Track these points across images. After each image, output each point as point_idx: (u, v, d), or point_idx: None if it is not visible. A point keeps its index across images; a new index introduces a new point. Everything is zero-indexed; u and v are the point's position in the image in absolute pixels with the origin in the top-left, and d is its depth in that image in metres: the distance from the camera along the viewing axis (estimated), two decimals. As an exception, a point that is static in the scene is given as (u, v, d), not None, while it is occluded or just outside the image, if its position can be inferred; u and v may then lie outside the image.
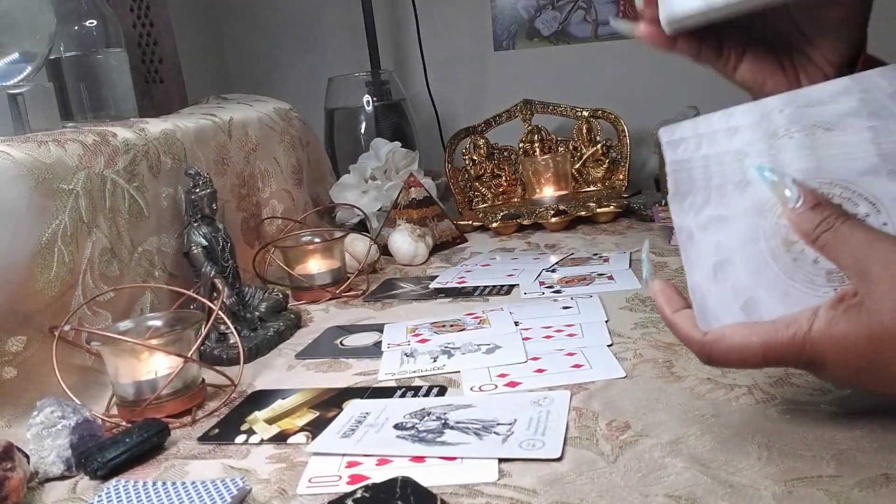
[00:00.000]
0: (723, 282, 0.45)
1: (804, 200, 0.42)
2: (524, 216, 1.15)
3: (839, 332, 0.41)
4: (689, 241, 0.46)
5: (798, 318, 0.42)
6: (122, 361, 0.63)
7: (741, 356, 0.44)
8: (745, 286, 0.44)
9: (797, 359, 0.43)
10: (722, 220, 0.45)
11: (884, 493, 0.41)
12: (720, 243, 0.45)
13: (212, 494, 0.48)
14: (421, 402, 0.59)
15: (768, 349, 0.43)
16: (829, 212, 0.42)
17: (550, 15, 1.44)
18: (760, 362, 0.44)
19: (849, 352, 0.41)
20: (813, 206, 0.42)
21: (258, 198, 1.02)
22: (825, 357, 0.42)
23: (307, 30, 1.60)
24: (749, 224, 0.44)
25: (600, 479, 0.46)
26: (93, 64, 0.89)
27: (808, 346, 0.42)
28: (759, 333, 0.43)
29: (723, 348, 0.44)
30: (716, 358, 0.45)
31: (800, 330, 0.42)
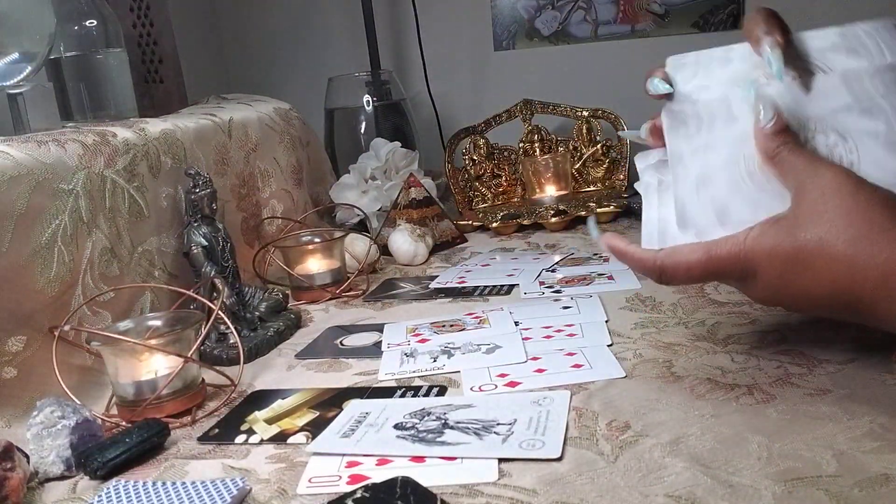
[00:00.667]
0: (703, 193, 0.52)
1: (775, 122, 0.48)
2: (524, 216, 1.15)
3: (769, 242, 0.46)
4: (679, 162, 0.54)
5: (737, 234, 0.48)
6: (122, 361, 0.63)
7: (687, 267, 0.50)
8: (721, 196, 0.51)
9: (733, 269, 0.48)
10: (710, 146, 0.52)
11: (884, 492, 0.41)
12: (706, 163, 0.52)
13: (212, 494, 0.48)
14: (421, 402, 0.59)
15: (710, 260, 0.49)
16: (790, 137, 0.48)
17: (550, 15, 1.44)
18: (703, 273, 0.50)
19: (776, 258, 0.46)
20: (780, 128, 0.48)
21: (258, 198, 1.02)
22: (756, 265, 0.47)
23: (307, 30, 1.60)
24: (732, 149, 0.51)
25: (600, 479, 0.46)
26: (93, 64, 0.89)
27: (742, 255, 0.47)
28: (703, 247, 0.49)
29: (672, 262, 0.50)
30: (667, 271, 0.51)
31: (736, 243, 0.48)
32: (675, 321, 0.71)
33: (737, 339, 0.65)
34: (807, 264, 0.45)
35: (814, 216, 0.45)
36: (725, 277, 0.50)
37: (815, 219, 0.45)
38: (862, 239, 0.43)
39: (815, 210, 0.45)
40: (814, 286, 0.45)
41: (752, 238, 0.47)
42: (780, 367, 0.58)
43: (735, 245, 0.48)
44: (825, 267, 0.44)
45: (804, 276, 0.45)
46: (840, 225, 0.44)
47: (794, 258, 0.45)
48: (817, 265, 0.45)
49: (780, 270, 0.46)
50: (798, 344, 0.62)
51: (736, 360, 0.61)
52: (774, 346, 0.62)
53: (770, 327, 0.66)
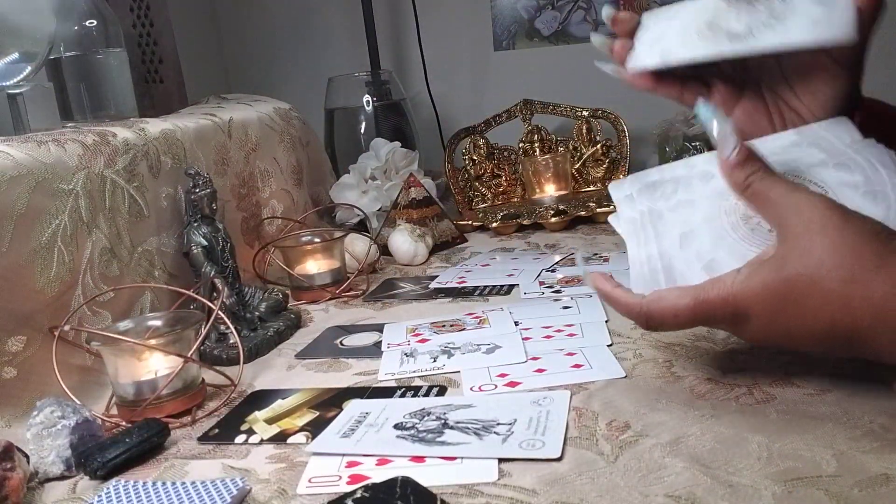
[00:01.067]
0: (687, 248, 0.51)
1: (739, 151, 0.47)
2: (524, 216, 1.15)
3: (758, 282, 0.45)
4: (659, 219, 0.53)
5: (723, 278, 0.47)
6: (122, 361, 0.63)
7: (674, 313, 0.48)
8: (707, 250, 0.50)
9: (723, 313, 0.47)
10: (689, 202, 0.52)
11: (884, 492, 0.41)
12: (687, 220, 0.52)
13: (212, 494, 0.48)
14: (421, 402, 0.59)
15: (697, 305, 0.47)
16: (758, 165, 0.47)
17: (550, 15, 1.44)
18: (691, 319, 0.48)
19: (767, 298, 0.45)
20: (745, 157, 0.47)
21: (258, 198, 1.02)
22: (747, 307, 0.46)
23: (307, 30, 1.60)
24: (712, 204, 0.51)
25: (600, 479, 0.46)
26: (93, 64, 0.89)
27: (731, 299, 0.46)
28: (690, 293, 0.47)
29: (659, 308, 0.49)
30: (654, 317, 0.49)
31: (723, 286, 0.46)
32: (675, 321, 0.71)
33: (737, 339, 0.65)
34: (799, 302, 0.44)
35: (801, 254, 0.43)
36: (715, 321, 0.48)
37: (802, 257, 0.43)
38: (855, 278, 0.42)
39: (802, 248, 0.43)
40: (808, 323, 0.44)
41: (739, 281, 0.46)
42: (779, 367, 0.58)
43: (723, 288, 0.46)
44: (819, 305, 0.43)
45: (798, 313, 0.44)
46: (830, 263, 0.42)
47: (786, 297, 0.44)
48: (810, 303, 0.43)
49: (773, 310, 0.45)
50: (798, 344, 0.62)
51: (736, 360, 0.61)
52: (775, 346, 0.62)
53: (770, 327, 0.66)
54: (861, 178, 0.48)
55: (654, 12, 0.59)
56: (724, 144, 0.47)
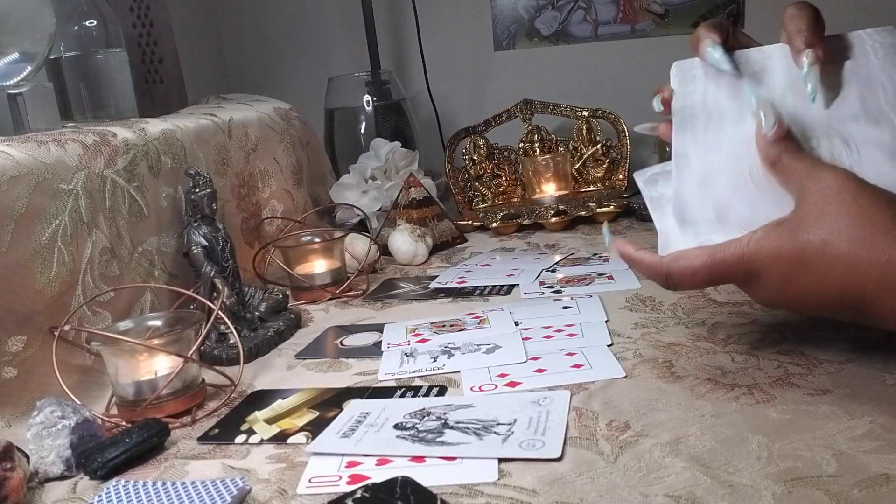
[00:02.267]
0: (705, 190, 0.53)
1: (777, 129, 0.49)
2: (524, 216, 1.15)
3: (772, 243, 0.47)
4: (684, 160, 0.54)
5: (740, 238, 0.49)
6: (122, 361, 0.63)
7: (692, 272, 0.50)
8: (722, 195, 0.52)
9: (738, 272, 0.49)
10: (716, 144, 0.53)
11: (884, 492, 0.41)
12: (711, 161, 0.53)
13: (212, 494, 0.48)
14: (421, 402, 0.59)
15: (714, 264, 0.49)
16: (791, 143, 0.49)
17: (550, 15, 1.44)
18: (708, 277, 0.50)
19: (779, 260, 0.47)
20: (782, 135, 0.49)
21: (258, 198, 1.02)
22: (760, 268, 0.48)
23: (307, 30, 1.60)
24: (738, 149, 0.52)
25: (600, 479, 0.46)
26: (93, 64, 0.89)
27: (745, 258, 0.48)
28: (707, 252, 0.50)
29: (678, 267, 0.51)
30: (673, 276, 0.52)
31: (739, 246, 0.48)
32: (675, 321, 0.71)
33: (737, 339, 0.65)
34: (810, 265, 0.45)
35: (816, 218, 0.45)
36: (730, 280, 0.51)
37: (817, 221, 0.45)
38: (864, 239, 0.44)
39: (818, 212, 0.46)
40: (817, 286, 0.46)
41: (755, 241, 0.48)
42: (780, 367, 0.58)
43: (738, 248, 0.48)
44: (828, 267, 0.45)
45: (807, 276, 0.46)
46: (842, 226, 0.44)
47: (798, 259, 0.46)
48: (820, 266, 0.45)
49: (784, 272, 0.47)
50: (798, 344, 0.62)
51: (736, 360, 0.61)
52: (774, 346, 0.62)
53: (770, 327, 0.66)
54: (888, 136, 0.48)
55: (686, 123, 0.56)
56: (765, 119, 0.49)
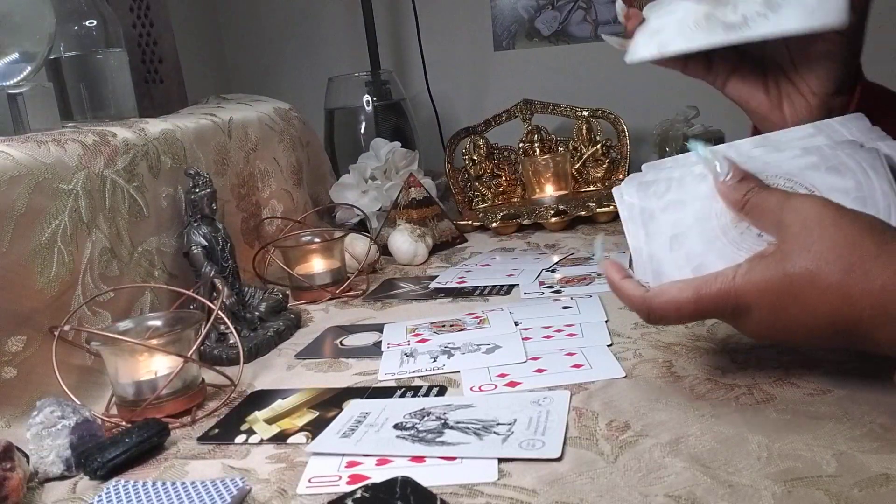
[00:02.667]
0: (677, 250, 0.52)
1: (732, 174, 0.49)
2: (524, 216, 1.15)
3: (759, 277, 0.46)
4: (651, 220, 0.53)
5: (725, 272, 0.47)
6: (122, 361, 0.63)
7: (676, 307, 0.49)
8: (696, 253, 0.51)
9: (725, 306, 0.47)
10: (680, 203, 0.52)
11: (884, 492, 0.41)
12: (678, 221, 0.52)
13: (212, 494, 0.48)
14: (421, 402, 0.59)
15: (699, 299, 0.48)
16: (753, 183, 0.48)
17: (550, 15, 1.44)
18: (693, 313, 0.49)
19: (768, 292, 0.46)
20: (740, 179, 0.49)
21: (258, 198, 1.02)
22: (748, 301, 0.46)
23: (307, 30, 1.60)
24: (704, 206, 0.51)
25: (600, 479, 0.46)
26: (93, 64, 0.89)
27: (732, 292, 0.47)
28: (692, 286, 0.48)
29: (661, 302, 0.49)
30: (655, 311, 0.50)
31: (726, 280, 0.47)
32: (675, 321, 0.71)
33: (737, 339, 0.65)
34: (799, 297, 0.45)
35: (800, 250, 0.44)
36: (716, 315, 0.49)
37: (801, 252, 0.44)
38: (853, 269, 0.43)
39: (801, 243, 0.45)
40: (808, 316, 0.45)
41: (741, 275, 0.47)
42: (779, 367, 0.58)
43: (724, 283, 0.47)
44: (818, 298, 0.44)
45: (798, 307, 0.45)
46: (828, 257, 0.43)
47: (786, 291, 0.45)
48: (810, 297, 0.44)
49: (773, 304, 0.46)
50: (798, 344, 0.62)
51: (736, 360, 0.61)
52: (774, 346, 0.62)
53: (770, 327, 0.66)
54: (852, 183, 0.48)
55: (654, 6, 0.60)
56: (719, 167, 0.49)
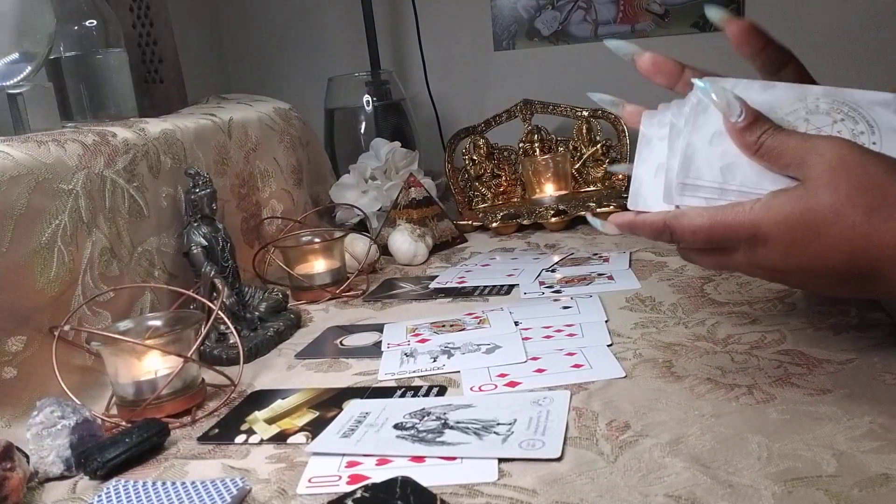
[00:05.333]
0: (716, 146, 0.50)
1: (745, 115, 0.48)
2: (524, 216, 1.15)
3: (778, 208, 0.46)
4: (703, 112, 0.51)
5: (742, 203, 0.47)
6: (122, 361, 0.63)
7: (693, 230, 0.49)
8: (732, 153, 0.50)
9: (740, 235, 0.47)
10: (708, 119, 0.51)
11: (884, 492, 0.41)
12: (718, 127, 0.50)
13: (212, 494, 0.48)
14: (421, 402, 0.59)
15: (715, 224, 0.48)
16: (768, 125, 0.48)
17: (550, 15, 1.44)
18: (708, 237, 0.49)
19: (787, 224, 0.45)
20: (753, 120, 0.48)
21: (258, 198, 1.02)
22: (766, 231, 0.46)
23: (307, 30, 1.60)
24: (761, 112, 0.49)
25: (600, 479, 0.46)
26: (93, 64, 0.89)
27: (748, 222, 0.47)
28: (710, 212, 0.48)
29: (680, 224, 0.50)
30: (676, 232, 0.50)
31: (743, 210, 0.47)
32: (675, 321, 0.71)
33: (737, 339, 0.65)
34: (821, 231, 0.44)
35: (826, 187, 0.44)
36: (731, 243, 0.49)
37: (828, 190, 0.44)
38: (879, 209, 0.43)
39: (827, 181, 0.44)
40: (829, 253, 0.45)
41: (759, 207, 0.46)
42: (780, 367, 0.58)
43: (741, 213, 0.47)
44: (841, 234, 0.44)
45: (818, 242, 0.45)
46: (854, 196, 0.43)
47: (808, 225, 0.45)
48: (833, 232, 0.44)
49: (793, 238, 0.45)
50: (798, 344, 0.62)
51: (736, 360, 0.61)
52: (774, 346, 0.62)
53: (770, 327, 0.66)
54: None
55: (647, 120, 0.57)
56: (730, 111, 0.48)
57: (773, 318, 0.68)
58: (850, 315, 0.66)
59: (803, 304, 0.71)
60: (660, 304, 0.76)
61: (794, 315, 0.68)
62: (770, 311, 0.70)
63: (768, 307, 0.71)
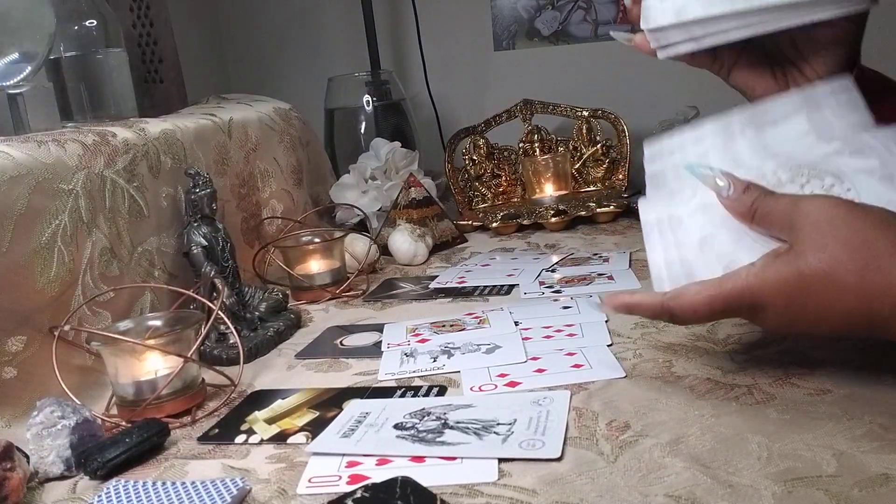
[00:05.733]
0: (708, 252, 0.52)
1: (734, 188, 0.49)
2: (524, 216, 1.15)
3: (772, 275, 0.46)
4: (679, 225, 0.54)
5: (738, 272, 0.48)
6: (122, 361, 0.63)
7: (693, 309, 0.49)
8: (726, 252, 0.51)
9: (740, 304, 0.48)
10: (707, 206, 0.52)
11: (884, 492, 0.41)
12: (705, 224, 0.52)
13: (212, 494, 0.48)
14: (421, 402, 0.59)
15: (714, 299, 0.48)
16: (759, 192, 0.49)
17: (550, 15, 1.44)
18: (709, 313, 0.49)
19: (783, 290, 0.46)
20: (743, 190, 0.49)
21: (258, 198, 1.02)
22: (763, 298, 0.47)
23: (307, 30, 1.60)
24: None
25: (600, 479, 0.46)
26: (93, 64, 0.89)
27: (746, 291, 0.47)
28: (708, 288, 0.49)
29: (679, 305, 0.50)
30: (676, 313, 0.51)
31: (739, 279, 0.48)
32: (675, 321, 0.71)
33: (737, 339, 0.65)
34: (814, 295, 0.45)
35: (814, 248, 0.45)
36: (734, 314, 0.50)
37: (815, 252, 0.44)
38: (870, 268, 0.43)
39: (814, 242, 0.45)
40: (825, 313, 0.45)
41: (754, 273, 0.47)
42: (780, 367, 0.58)
43: (737, 282, 0.47)
44: (834, 297, 0.44)
45: (813, 305, 0.45)
46: (843, 257, 0.44)
47: (801, 290, 0.45)
48: (826, 295, 0.44)
49: (789, 301, 0.46)
50: (798, 344, 0.62)
51: (736, 360, 0.61)
52: (774, 346, 0.62)
53: (770, 327, 0.66)
54: (877, 162, 0.48)
55: None
56: (720, 184, 0.50)
57: (773, 318, 0.68)
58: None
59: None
60: (660, 304, 0.76)
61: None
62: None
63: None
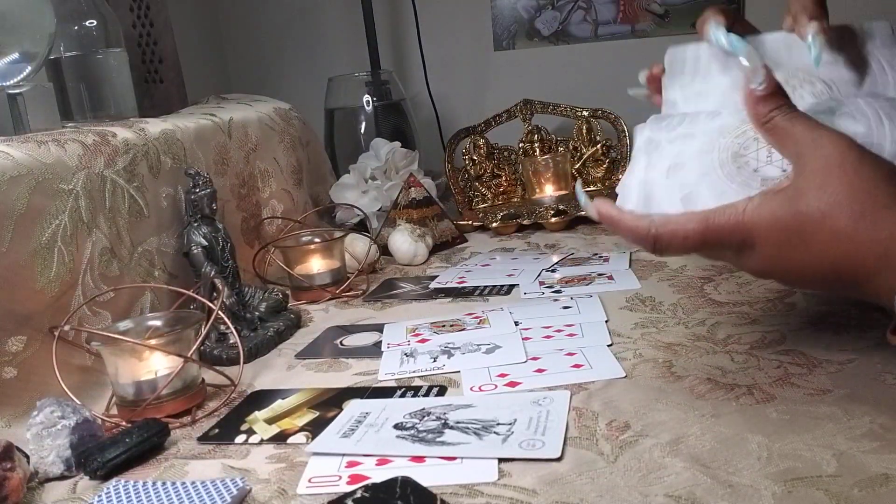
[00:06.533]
0: (673, 178, 0.51)
1: (767, 84, 0.47)
2: (524, 216, 1.15)
3: (768, 211, 0.45)
4: (656, 149, 0.54)
5: (735, 204, 0.47)
6: (122, 361, 0.63)
7: (683, 236, 0.48)
8: (690, 182, 0.50)
9: (731, 239, 0.47)
10: (689, 136, 0.52)
11: (884, 492, 0.41)
12: (681, 151, 0.52)
13: (212, 494, 0.48)
14: (421, 402, 0.59)
15: (707, 230, 0.47)
16: (783, 101, 0.47)
17: (550, 15, 1.44)
18: (700, 243, 0.48)
19: (776, 228, 0.45)
20: (771, 91, 0.47)
21: (258, 198, 1.02)
22: (755, 234, 0.46)
23: (307, 30, 1.60)
24: (709, 140, 0.51)
25: (600, 479, 0.46)
26: (93, 64, 0.89)
27: (739, 225, 0.46)
28: (700, 216, 0.48)
29: (667, 231, 0.49)
30: (662, 240, 0.49)
31: (735, 212, 0.46)
32: (675, 321, 0.71)
33: (737, 339, 0.65)
34: (807, 236, 0.44)
35: (817, 189, 0.44)
36: (722, 247, 0.48)
37: (817, 192, 0.44)
38: (865, 215, 0.42)
39: (818, 182, 0.44)
40: (813, 259, 0.44)
41: (751, 208, 0.46)
42: (780, 367, 0.58)
43: (734, 214, 0.46)
44: (827, 240, 0.43)
45: (804, 248, 0.44)
46: (844, 200, 0.43)
47: (795, 230, 0.44)
48: (819, 238, 0.44)
49: (781, 242, 0.45)
50: (798, 344, 0.62)
51: (736, 360, 0.61)
52: (774, 346, 0.62)
53: (770, 327, 0.66)
54: (863, 129, 0.47)
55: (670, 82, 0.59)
56: (753, 76, 0.47)
57: (773, 318, 0.68)
58: (850, 315, 0.66)
59: (803, 304, 0.71)
60: (660, 304, 0.76)
61: (794, 315, 0.68)
62: (770, 311, 0.70)
63: (768, 307, 0.71)
